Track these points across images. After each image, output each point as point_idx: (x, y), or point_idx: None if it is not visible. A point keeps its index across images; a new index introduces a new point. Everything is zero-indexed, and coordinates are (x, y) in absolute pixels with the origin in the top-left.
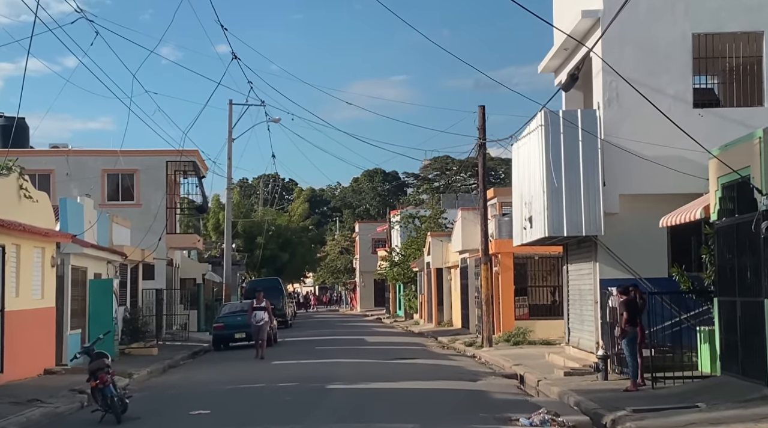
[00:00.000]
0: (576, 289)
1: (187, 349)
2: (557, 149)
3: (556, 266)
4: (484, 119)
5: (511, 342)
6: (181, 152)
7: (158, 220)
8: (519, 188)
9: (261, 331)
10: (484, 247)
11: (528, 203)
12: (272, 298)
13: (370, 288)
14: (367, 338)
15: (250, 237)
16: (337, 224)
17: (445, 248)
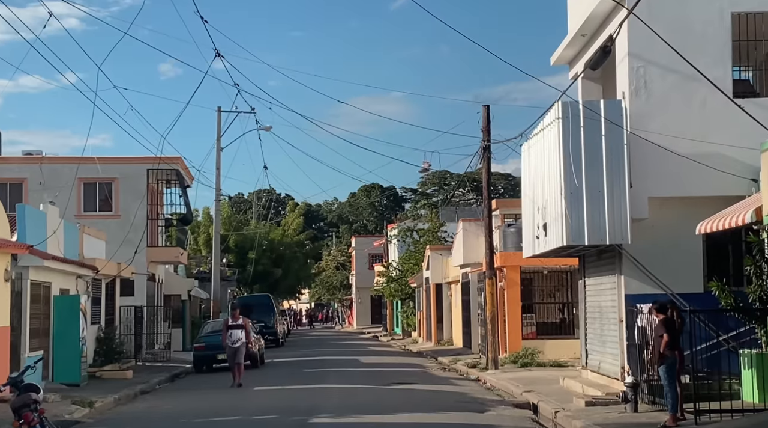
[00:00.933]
0: (595, 306)
1: (166, 371)
2: (577, 145)
3: (565, 280)
4: (488, 119)
5: (519, 364)
6: (160, 159)
7: (138, 232)
8: (530, 193)
9: (237, 354)
10: (489, 260)
11: (542, 209)
12: (263, 315)
13: (366, 305)
14: (361, 358)
15: (242, 252)
16: (333, 239)
17: (444, 262)
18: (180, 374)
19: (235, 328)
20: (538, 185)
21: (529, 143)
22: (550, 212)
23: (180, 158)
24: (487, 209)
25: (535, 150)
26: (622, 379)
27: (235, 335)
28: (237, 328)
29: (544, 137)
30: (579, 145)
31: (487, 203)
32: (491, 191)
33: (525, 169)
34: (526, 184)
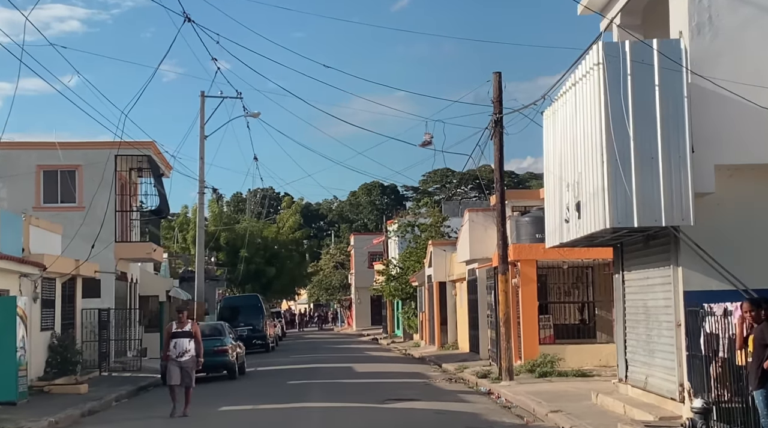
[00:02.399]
0: (639, 306)
1: (131, 383)
2: (623, 99)
3: (585, 276)
4: (500, 88)
5: (536, 374)
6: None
7: (105, 226)
8: (557, 168)
9: (184, 374)
10: (502, 253)
11: (573, 185)
12: (251, 318)
13: (366, 305)
14: (356, 366)
15: (233, 250)
16: (332, 238)
17: (449, 258)
18: (147, 386)
19: (182, 336)
20: (568, 155)
21: (553, 107)
22: (586, 188)
23: (152, 143)
24: (499, 193)
25: (562, 114)
26: (680, 400)
27: (181, 346)
28: (184, 336)
29: (576, 93)
30: (626, 98)
31: (500, 185)
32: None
33: (549, 139)
34: (549, 157)
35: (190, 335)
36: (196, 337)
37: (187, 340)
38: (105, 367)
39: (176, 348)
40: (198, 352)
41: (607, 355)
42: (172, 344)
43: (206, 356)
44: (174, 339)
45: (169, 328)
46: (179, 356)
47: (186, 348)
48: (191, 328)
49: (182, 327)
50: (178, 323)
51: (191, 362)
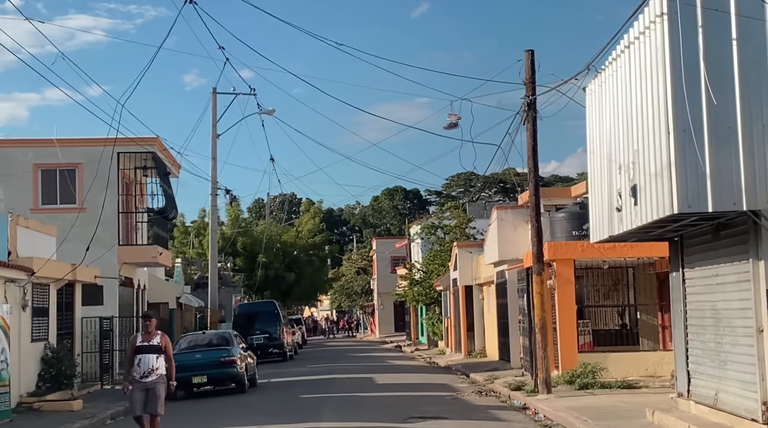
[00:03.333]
0: (706, 309)
1: None
2: (692, 58)
3: (625, 277)
4: (533, 68)
5: (576, 385)
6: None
7: (107, 228)
8: (605, 147)
9: (149, 397)
10: (537, 251)
11: (627, 167)
12: (267, 325)
13: (389, 311)
14: (377, 377)
15: (251, 256)
16: (354, 242)
17: (475, 260)
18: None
19: (148, 351)
20: (621, 132)
21: (599, 78)
22: (645, 168)
23: (156, 139)
24: (533, 184)
25: (611, 84)
26: (763, 421)
27: (146, 363)
28: (150, 351)
29: (630, 57)
30: (696, 56)
31: (533, 176)
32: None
33: (593, 117)
34: (595, 138)
35: (158, 350)
36: (166, 353)
37: (155, 356)
38: (107, 380)
39: (141, 367)
40: (170, 372)
41: (653, 364)
42: (135, 361)
43: (212, 367)
44: (138, 355)
45: (133, 341)
46: (144, 376)
47: (153, 366)
48: (160, 341)
49: (149, 340)
50: (144, 334)
51: (159, 383)
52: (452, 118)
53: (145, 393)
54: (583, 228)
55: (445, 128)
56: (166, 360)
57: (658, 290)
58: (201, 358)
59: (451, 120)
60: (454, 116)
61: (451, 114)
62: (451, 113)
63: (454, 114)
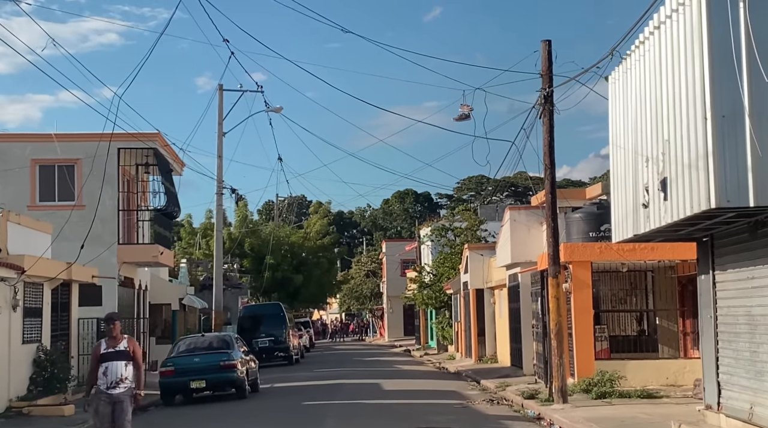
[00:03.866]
0: (740, 314)
1: None
2: (732, 35)
3: (643, 281)
4: (550, 59)
5: (593, 394)
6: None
7: (107, 226)
8: (630, 139)
9: (117, 413)
10: (554, 252)
11: (656, 158)
12: (273, 328)
13: (399, 315)
14: (384, 383)
15: (259, 257)
16: (364, 245)
17: (486, 263)
18: (146, 407)
19: (114, 358)
20: (649, 121)
21: (624, 65)
22: (677, 159)
23: (158, 135)
24: (549, 182)
25: (638, 71)
26: None
27: (113, 372)
28: (117, 358)
29: (660, 39)
30: (736, 33)
31: (550, 173)
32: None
33: (617, 107)
34: (618, 129)
35: (126, 356)
36: (135, 359)
37: (123, 363)
38: None
39: (107, 376)
40: (138, 381)
41: (674, 372)
42: (101, 369)
43: (212, 371)
44: (104, 363)
45: (97, 349)
46: (111, 386)
47: (121, 376)
48: (128, 346)
49: (115, 345)
50: (108, 339)
51: (127, 395)
52: (464, 109)
53: (112, 407)
54: (600, 229)
55: (456, 120)
56: (135, 367)
57: (680, 295)
58: (200, 362)
59: (463, 111)
60: (466, 106)
61: (463, 105)
62: (464, 103)
63: (466, 105)
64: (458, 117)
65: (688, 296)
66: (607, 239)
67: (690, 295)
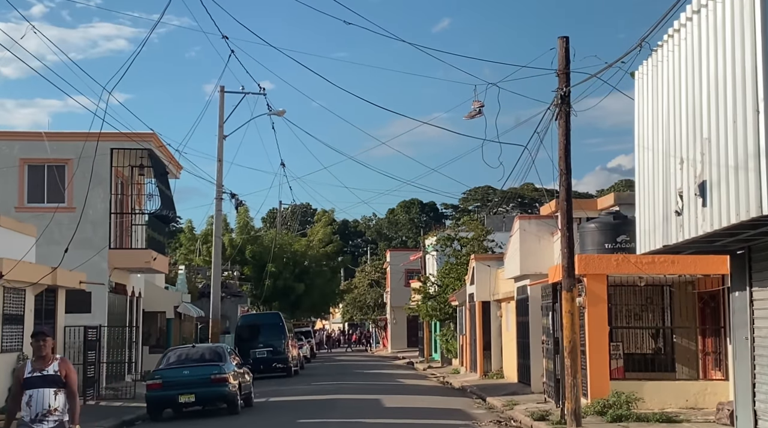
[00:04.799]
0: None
1: (117, 415)
2: None
3: (659, 296)
4: (567, 57)
5: (608, 417)
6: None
7: (98, 230)
8: (660, 139)
9: None
10: (568, 264)
11: (693, 160)
12: (272, 338)
13: (402, 326)
14: (385, 398)
15: (260, 265)
16: (368, 255)
17: (494, 275)
18: (133, 421)
19: (41, 384)
20: (683, 119)
21: (655, 57)
22: (720, 160)
23: (153, 135)
24: (564, 188)
25: (670, 64)
26: None
27: (40, 402)
28: (45, 385)
29: (698, 26)
30: None
31: (565, 179)
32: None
33: (644, 105)
34: (646, 129)
35: (56, 382)
36: (69, 386)
37: (51, 391)
38: (92, 395)
39: (32, 406)
40: (72, 414)
41: (694, 395)
42: (24, 398)
43: (201, 385)
44: (28, 391)
45: (20, 372)
46: (37, 419)
47: (48, 407)
48: (59, 369)
49: (42, 368)
50: (35, 360)
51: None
52: (476, 104)
53: None
54: (617, 240)
55: (466, 118)
56: (69, 395)
57: (700, 312)
58: (189, 375)
59: (475, 107)
60: (477, 102)
61: (475, 101)
62: (475, 99)
63: (478, 100)
64: (469, 114)
65: (709, 314)
66: (624, 250)
67: (711, 312)
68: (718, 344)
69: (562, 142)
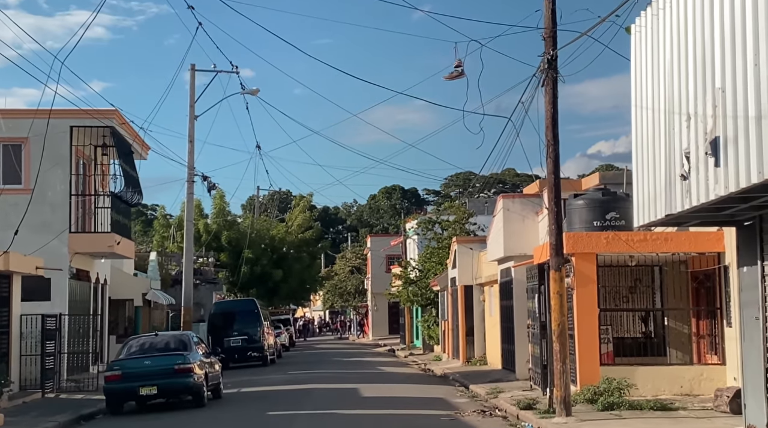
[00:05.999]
0: None
1: (74, 409)
2: None
3: (649, 276)
4: (554, 18)
5: (599, 405)
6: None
7: (57, 213)
8: (662, 96)
9: None
10: (556, 241)
11: (704, 114)
12: (247, 326)
13: (383, 312)
14: (363, 387)
15: (237, 251)
16: (349, 241)
17: (476, 258)
18: (91, 414)
19: None
20: (690, 70)
21: (653, 7)
22: (736, 113)
23: (116, 112)
24: (552, 160)
25: (674, 10)
26: None
27: None
28: None
29: None
30: None
31: (553, 150)
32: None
33: (641, 59)
34: (644, 86)
35: None
36: None
37: None
38: (51, 387)
39: None
40: None
41: (689, 380)
42: None
43: (165, 377)
44: None
45: None
46: None
47: None
48: None
49: None
50: None
51: None
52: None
53: None
54: (606, 218)
55: (446, 79)
56: None
57: (693, 293)
58: (150, 365)
59: (455, 68)
60: (458, 61)
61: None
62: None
63: (458, 59)
64: (449, 76)
65: (704, 295)
66: (614, 228)
67: (706, 293)
68: (714, 326)
69: (549, 110)
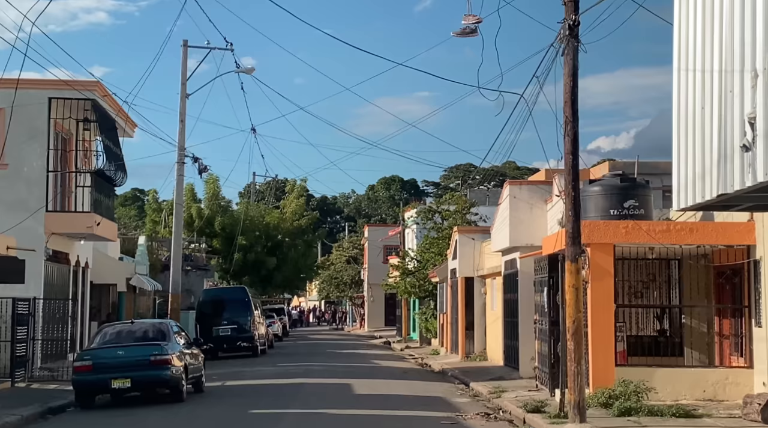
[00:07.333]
0: None
1: (43, 400)
2: None
3: (665, 271)
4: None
5: (615, 410)
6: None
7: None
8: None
9: None
10: (574, 229)
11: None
12: (237, 314)
13: (380, 304)
14: (356, 383)
15: (230, 237)
16: (346, 231)
17: (478, 248)
18: (61, 407)
19: None
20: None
21: None
22: None
23: (98, 83)
24: (570, 139)
25: None
26: None
27: None
28: None
29: None
30: None
31: (572, 128)
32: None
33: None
34: (691, 44)
35: None
36: None
37: None
38: (23, 376)
39: None
40: None
41: (713, 384)
42: None
43: (139, 368)
44: None
45: None
46: None
47: None
48: None
49: None
50: None
51: None
52: (468, 20)
53: None
54: (624, 206)
55: (456, 35)
56: None
57: (716, 289)
58: (124, 355)
59: (467, 23)
60: (471, 17)
61: (467, 15)
62: (468, 14)
63: (473, 15)
64: (460, 32)
65: (729, 291)
66: (632, 217)
67: (732, 289)
68: (740, 326)
69: (568, 83)
